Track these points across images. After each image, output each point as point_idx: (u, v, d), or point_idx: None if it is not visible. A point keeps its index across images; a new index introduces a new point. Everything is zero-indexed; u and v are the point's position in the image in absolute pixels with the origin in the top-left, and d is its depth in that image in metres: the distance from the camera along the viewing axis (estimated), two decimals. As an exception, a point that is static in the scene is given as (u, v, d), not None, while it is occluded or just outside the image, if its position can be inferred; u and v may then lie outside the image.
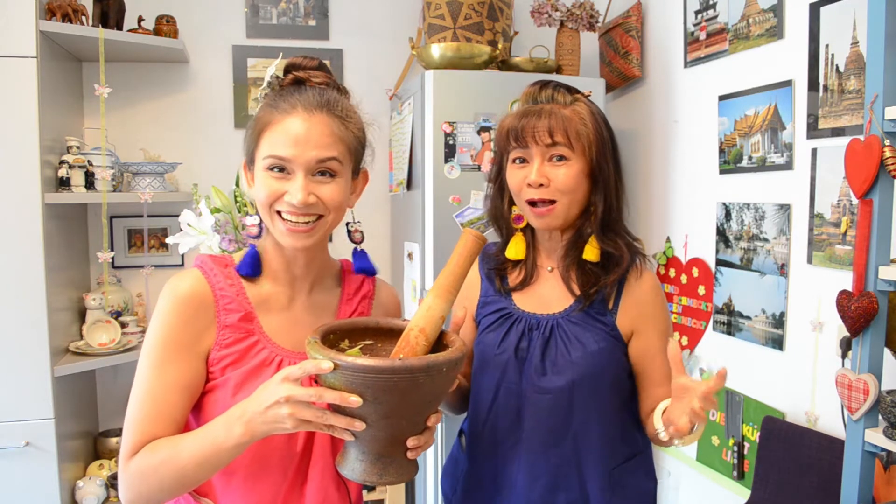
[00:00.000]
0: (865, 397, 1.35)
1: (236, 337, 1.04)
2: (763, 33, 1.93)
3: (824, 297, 1.74)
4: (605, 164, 1.18)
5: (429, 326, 0.99)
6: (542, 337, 1.20)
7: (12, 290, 2.07)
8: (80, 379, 2.40)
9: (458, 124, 2.27)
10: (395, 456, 0.95)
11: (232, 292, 1.05)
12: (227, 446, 0.92)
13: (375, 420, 0.89)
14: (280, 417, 0.88)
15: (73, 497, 2.28)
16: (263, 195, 1.00)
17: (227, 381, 1.02)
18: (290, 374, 0.89)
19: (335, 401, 0.87)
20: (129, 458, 0.97)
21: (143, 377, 1.00)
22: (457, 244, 1.02)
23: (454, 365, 0.92)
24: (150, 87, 2.70)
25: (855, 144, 1.35)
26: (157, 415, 0.98)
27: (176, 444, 0.96)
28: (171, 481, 0.95)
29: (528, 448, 1.20)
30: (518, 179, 1.18)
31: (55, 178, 2.24)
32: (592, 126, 1.17)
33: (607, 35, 2.62)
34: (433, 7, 2.47)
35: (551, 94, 1.19)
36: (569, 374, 1.17)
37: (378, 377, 0.85)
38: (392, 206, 2.87)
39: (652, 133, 2.50)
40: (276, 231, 1.02)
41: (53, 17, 2.18)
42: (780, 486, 1.75)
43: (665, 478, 2.39)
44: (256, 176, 1.02)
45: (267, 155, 0.99)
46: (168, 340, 1.00)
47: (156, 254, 2.72)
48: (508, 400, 1.20)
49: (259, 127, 1.02)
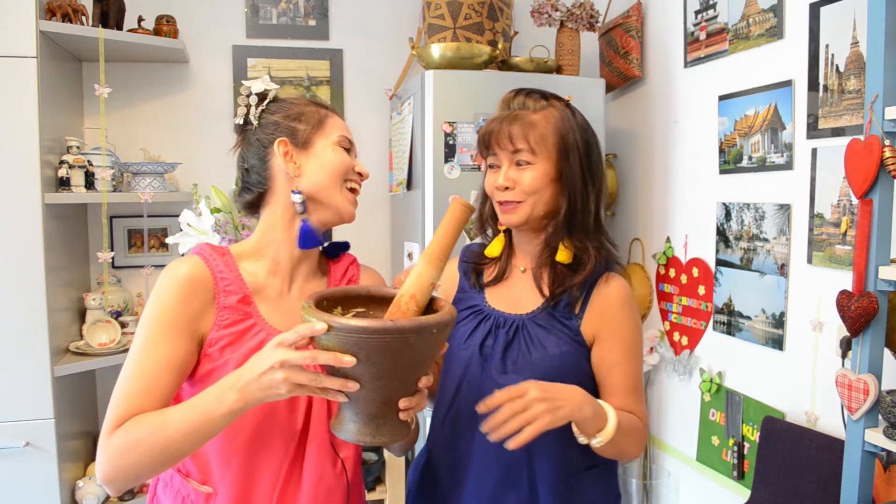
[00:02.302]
0: (865, 397, 1.35)
1: (234, 318, 1.07)
2: (763, 33, 1.93)
3: (824, 297, 1.74)
4: (569, 168, 1.20)
5: (419, 292, 1.01)
6: (506, 336, 1.22)
7: (12, 290, 2.07)
8: (80, 379, 2.40)
9: (458, 124, 2.27)
10: (387, 416, 0.97)
11: (231, 276, 1.09)
12: (219, 414, 0.93)
13: (368, 381, 0.91)
14: (275, 382, 0.90)
15: (73, 497, 2.28)
16: (339, 164, 1.13)
17: (227, 363, 1.04)
18: (284, 340, 0.91)
19: (329, 361, 0.88)
20: (111, 431, 0.97)
21: (135, 352, 1.02)
22: (446, 213, 1.06)
23: (444, 327, 0.94)
24: (150, 87, 2.70)
25: (855, 144, 1.35)
26: (144, 390, 0.99)
27: (162, 415, 0.96)
28: (155, 454, 0.95)
29: (481, 444, 1.19)
30: (490, 183, 1.23)
31: (55, 178, 2.24)
32: (558, 130, 1.19)
33: (607, 35, 2.62)
34: (433, 7, 2.47)
35: (523, 100, 1.22)
36: (527, 375, 1.16)
37: (371, 337, 0.87)
38: (392, 206, 2.87)
39: (652, 133, 2.50)
40: (343, 199, 1.13)
41: (53, 17, 2.18)
42: (780, 486, 1.75)
43: (665, 478, 2.39)
44: (321, 153, 1.12)
45: (341, 136, 1.15)
46: (163, 318, 1.02)
47: (156, 254, 2.72)
48: (469, 395, 1.22)
49: (318, 116, 1.15)
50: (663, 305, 2.42)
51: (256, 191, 1.15)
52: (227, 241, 1.66)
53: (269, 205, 1.15)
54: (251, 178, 1.15)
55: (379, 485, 2.70)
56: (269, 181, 1.13)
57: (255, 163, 1.14)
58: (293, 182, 1.11)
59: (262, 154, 1.14)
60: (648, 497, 2.44)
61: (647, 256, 2.53)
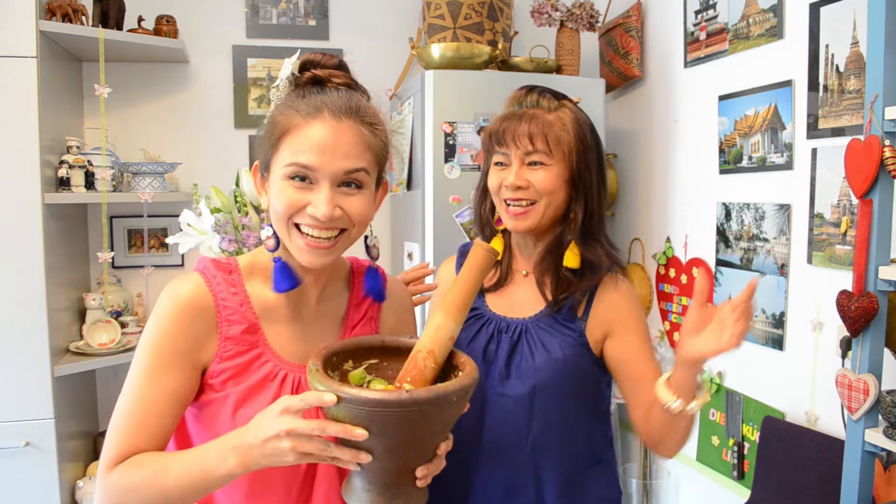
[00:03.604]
0: (865, 397, 1.35)
1: (238, 350, 0.98)
2: (763, 33, 1.93)
3: (824, 297, 1.74)
4: (586, 172, 1.18)
5: (437, 348, 0.93)
6: (510, 340, 1.20)
7: (12, 290, 2.07)
8: (80, 379, 2.40)
9: (458, 124, 2.27)
10: (403, 486, 0.90)
11: (235, 301, 0.99)
12: (218, 475, 0.87)
13: (382, 452, 0.84)
14: (280, 451, 0.83)
15: (73, 497, 2.28)
16: (282, 206, 0.92)
17: (228, 397, 0.97)
18: (290, 406, 0.83)
19: (339, 434, 0.82)
20: (110, 468, 0.92)
21: (133, 383, 0.96)
22: (467, 258, 0.98)
23: (465, 393, 0.87)
24: (150, 87, 2.70)
25: (855, 144, 1.35)
26: (143, 424, 0.93)
27: (163, 463, 0.91)
28: (153, 501, 0.90)
29: (487, 450, 1.19)
30: (497, 181, 1.19)
31: (55, 178, 2.24)
32: (574, 133, 1.17)
33: (607, 35, 2.62)
34: (433, 7, 2.47)
35: (536, 98, 1.20)
36: (530, 381, 1.15)
37: (384, 411, 0.80)
38: (392, 206, 2.87)
39: (652, 133, 2.50)
40: (294, 246, 0.95)
41: (53, 17, 2.18)
42: (780, 486, 1.75)
43: (665, 478, 2.39)
44: (273, 184, 0.94)
45: (289, 162, 0.91)
46: (163, 347, 0.95)
47: (156, 254, 2.72)
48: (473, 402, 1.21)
49: (278, 131, 0.93)
50: (663, 305, 2.42)
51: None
52: (228, 241, 1.66)
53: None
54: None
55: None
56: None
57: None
58: None
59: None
60: (648, 497, 2.43)
61: (647, 256, 2.53)
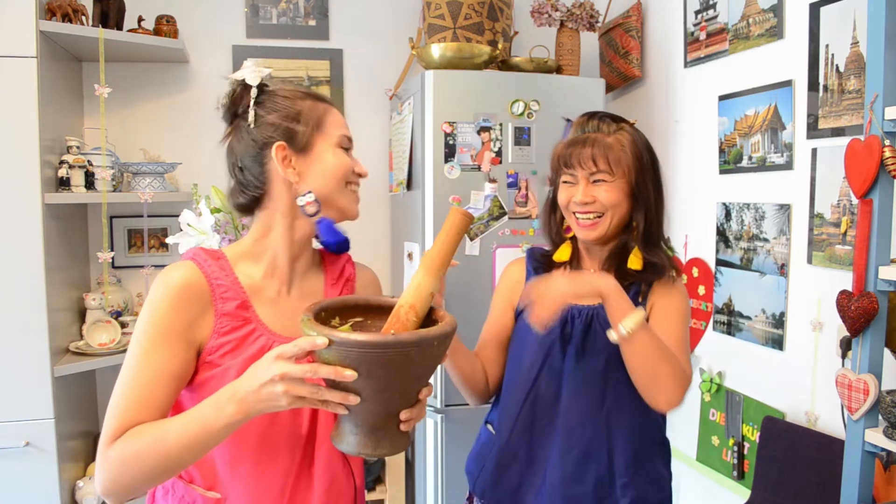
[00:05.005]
0: (865, 397, 1.35)
1: (234, 325, 1.05)
2: (763, 33, 1.93)
3: (824, 297, 1.74)
4: (644, 185, 1.32)
5: (418, 303, 1.01)
6: (583, 323, 1.33)
7: (12, 290, 2.07)
8: (80, 379, 2.40)
9: (458, 124, 2.27)
10: (388, 428, 0.97)
11: (227, 281, 1.06)
12: (218, 426, 0.92)
13: (369, 394, 0.91)
14: (275, 395, 0.89)
15: (73, 497, 2.29)
16: (342, 168, 1.10)
17: (228, 370, 1.02)
18: (283, 352, 0.90)
19: (330, 375, 0.88)
20: (109, 444, 0.96)
21: (130, 363, 1.00)
22: (444, 221, 1.06)
23: (444, 339, 0.94)
24: (150, 87, 2.70)
25: (855, 144, 1.35)
26: (141, 401, 0.97)
27: (161, 427, 0.95)
28: (154, 466, 0.94)
29: (564, 422, 1.32)
30: (566, 197, 1.35)
31: (55, 178, 2.24)
32: (632, 152, 1.32)
33: (607, 35, 2.62)
34: (433, 7, 2.47)
35: (597, 124, 1.34)
36: (603, 356, 1.29)
37: (371, 351, 0.87)
38: (392, 206, 2.87)
39: (652, 133, 2.50)
40: (346, 200, 1.12)
41: (53, 17, 2.18)
42: (780, 486, 1.75)
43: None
44: (323, 154, 1.09)
45: (341, 134, 1.12)
46: (158, 327, 1.00)
47: (156, 254, 2.72)
48: (550, 378, 1.34)
49: (316, 115, 1.10)
50: (663, 305, 2.42)
51: (252, 194, 1.10)
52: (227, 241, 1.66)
53: (265, 208, 1.10)
54: (245, 179, 1.10)
55: (379, 485, 2.70)
56: (267, 185, 1.09)
57: (250, 164, 1.09)
58: (293, 187, 1.08)
59: (256, 155, 1.08)
60: (648, 497, 2.43)
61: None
